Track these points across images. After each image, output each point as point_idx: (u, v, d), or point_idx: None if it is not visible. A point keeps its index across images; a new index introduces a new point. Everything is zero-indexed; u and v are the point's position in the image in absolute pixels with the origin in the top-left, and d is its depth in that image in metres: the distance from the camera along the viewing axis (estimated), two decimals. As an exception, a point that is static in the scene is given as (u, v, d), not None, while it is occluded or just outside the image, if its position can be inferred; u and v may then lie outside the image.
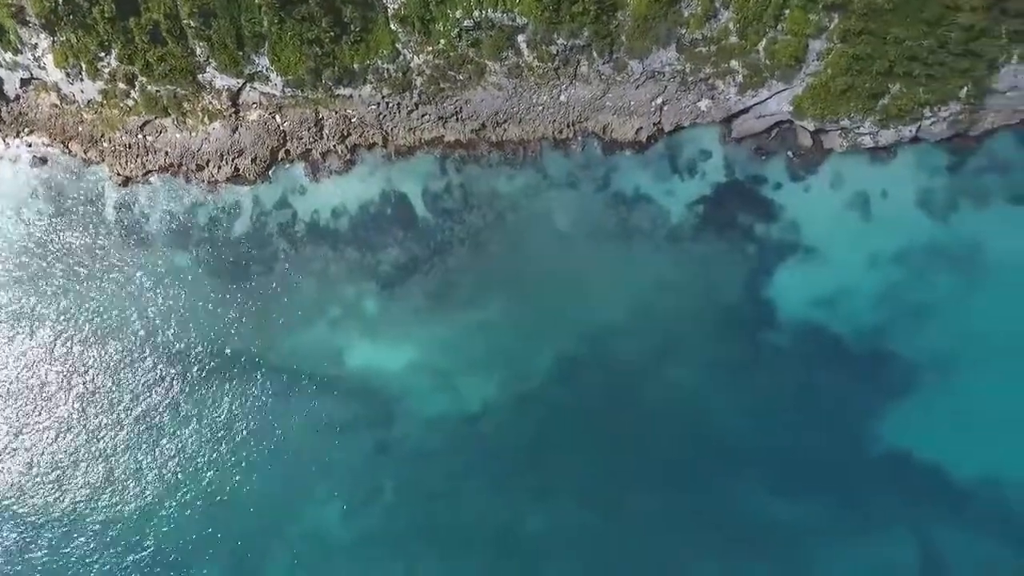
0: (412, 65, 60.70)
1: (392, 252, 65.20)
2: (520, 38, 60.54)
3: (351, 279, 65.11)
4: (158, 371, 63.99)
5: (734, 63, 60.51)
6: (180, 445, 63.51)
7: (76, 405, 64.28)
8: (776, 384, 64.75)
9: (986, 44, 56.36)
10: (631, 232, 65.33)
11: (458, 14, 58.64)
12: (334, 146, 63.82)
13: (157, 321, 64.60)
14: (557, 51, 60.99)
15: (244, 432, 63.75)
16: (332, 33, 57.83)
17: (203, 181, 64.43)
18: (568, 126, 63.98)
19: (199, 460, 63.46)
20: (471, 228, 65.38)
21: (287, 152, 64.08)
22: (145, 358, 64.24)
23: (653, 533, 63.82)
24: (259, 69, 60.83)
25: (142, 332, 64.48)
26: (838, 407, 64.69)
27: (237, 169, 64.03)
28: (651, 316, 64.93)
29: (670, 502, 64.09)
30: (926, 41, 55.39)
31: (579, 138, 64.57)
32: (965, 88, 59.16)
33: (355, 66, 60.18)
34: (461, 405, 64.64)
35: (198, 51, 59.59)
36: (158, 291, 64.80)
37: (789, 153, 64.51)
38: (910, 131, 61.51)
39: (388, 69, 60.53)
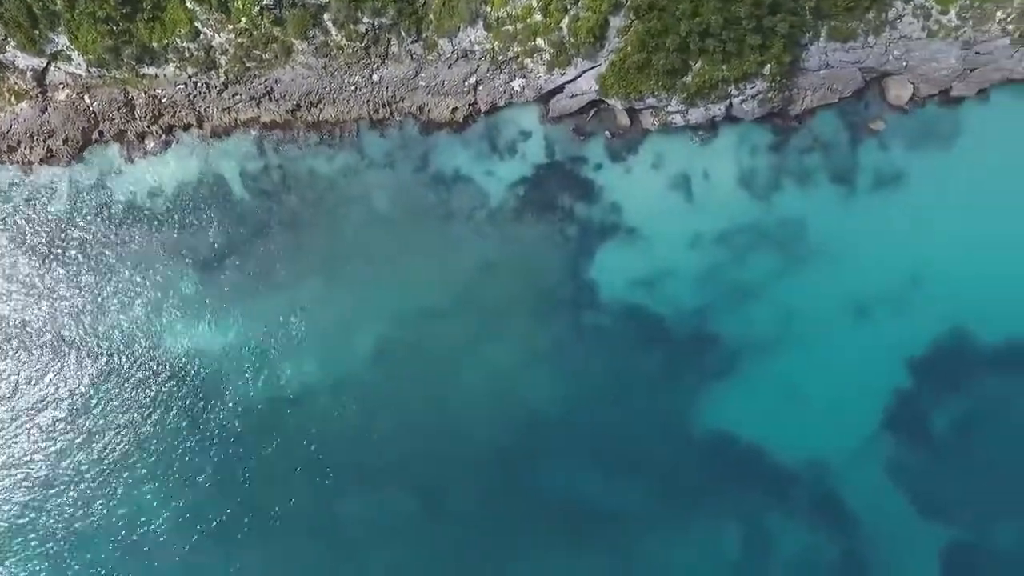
0: (214, 44, 60.01)
1: (210, 234, 64.37)
2: (326, 16, 59.87)
3: (169, 260, 64.15)
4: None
5: (540, 41, 59.81)
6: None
7: None
8: (598, 367, 64.31)
9: (779, 20, 55.76)
10: (451, 213, 64.61)
11: (257, -8, 58.12)
12: (148, 126, 63.09)
13: (-34, 304, 64.32)
14: (365, 30, 60.29)
15: (55, 418, 63.19)
16: (123, 11, 57.14)
17: (16, 162, 63.76)
18: (383, 106, 63.25)
19: (6, 451, 63.10)
20: (290, 209, 64.54)
21: (100, 133, 63.40)
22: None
23: (475, 519, 63.42)
24: (60, 48, 59.97)
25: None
26: (661, 390, 64.45)
27: (51, 150, 63.26)
28: (472, 298, 64.35)
29: (492, 488, 63.65)
30: (715, 17, 54.68)
31: (396, 118, 64.01)
32: (768, 66, 58.58)
33: (154, 45, 59.41)
34: (279, 388, 63.97)
35: (-6, 30, 59.16)
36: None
37: (607, 133, 63.98)
38: (720, 109, 60.94)
39: (189, 48, 59.81)
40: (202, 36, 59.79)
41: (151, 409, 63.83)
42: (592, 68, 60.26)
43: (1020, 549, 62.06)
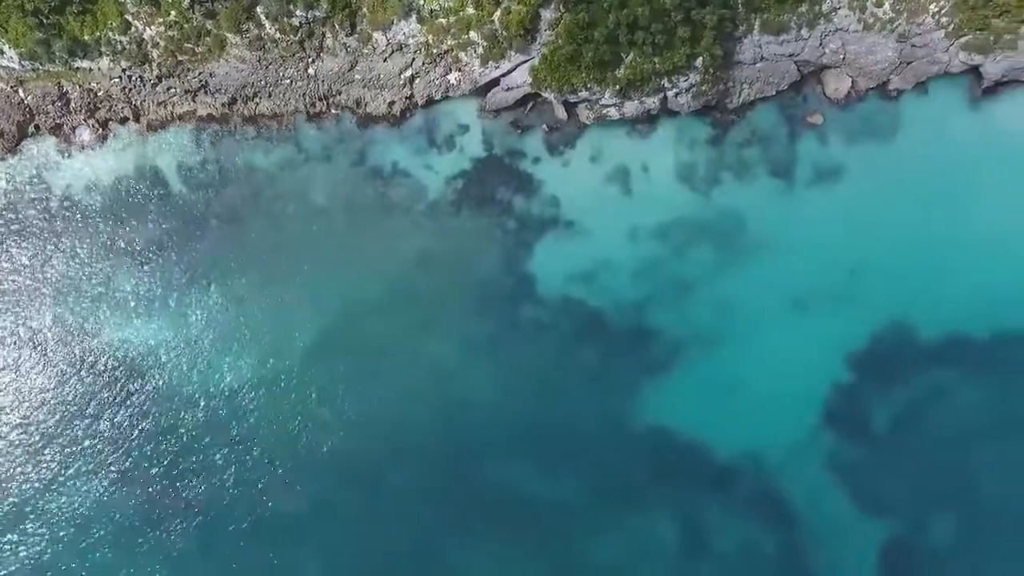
0: (145, 37, 59.84)
1: (147, 227, 64.00)
2: (259, 9, 59.62)
3: (105, 254, 63.92)
4: None
5: (473, 34, 59.61)
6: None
7: None
8: (537, 361, 64.20)
9: (707, 13, 55.53)
10: (390, 207, 64.46)
11: (187, -16, 57.88)
12: (84, 120, 62.93)
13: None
14: (299, 23, 60.07)
15: (-11, 411, 63.34)
16: (51, 3, 57.01)
17: (-48, 156, 63.78)
18: (320, 100, 63.05)
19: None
20: (228, 203, 64.31)
21: (36, 127, 63.17)
22: None
23: (412, 513, 63.07)
24: (-9, 42, 60.26)
25: None
26: (600, 384, 64.29)
27: (-14, 144, 63.38)
28: (410, 292, 64.16)
29: (428, 482, 63.28)
30: (642, 8, 54.48)
31: (332, 112, 63.80)
32: (700, 58, 58.36)
33: (86, 38, 59.22)
34: (215, 381, 63.70)
35: (-76, 23, 58.91)
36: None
37: (545, 127, 63.78)
38: (654, 103, 60.75)
39: (121, 41, 59.59)
40: (133, 29, 59.58)
41: (80, 403, 63.43)
42: (526, 61, 60.05)
43: (958, 543, 61.94)
